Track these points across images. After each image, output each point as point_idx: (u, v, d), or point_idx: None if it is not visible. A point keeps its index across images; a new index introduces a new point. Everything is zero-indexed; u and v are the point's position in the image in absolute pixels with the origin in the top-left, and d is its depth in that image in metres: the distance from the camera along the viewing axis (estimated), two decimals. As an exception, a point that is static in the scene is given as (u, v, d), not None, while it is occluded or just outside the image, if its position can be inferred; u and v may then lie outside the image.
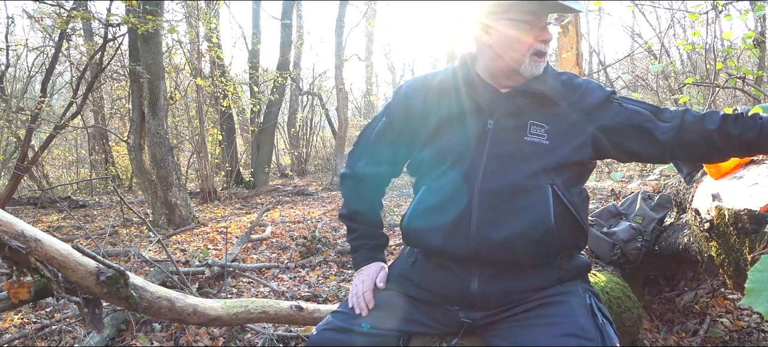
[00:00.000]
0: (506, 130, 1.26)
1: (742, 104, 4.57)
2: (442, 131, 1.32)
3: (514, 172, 1.22)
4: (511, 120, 1.26)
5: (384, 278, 1.37)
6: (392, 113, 1.42)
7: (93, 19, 6.70)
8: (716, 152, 1.28)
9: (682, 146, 1.26)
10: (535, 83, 1.27)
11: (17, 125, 6.91)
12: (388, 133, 1.42)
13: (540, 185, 1.21)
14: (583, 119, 1.27)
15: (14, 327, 2.79)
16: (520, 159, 1.23)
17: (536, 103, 1.27)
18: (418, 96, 1.37)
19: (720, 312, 2.56)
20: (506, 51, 1.25)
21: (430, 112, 1.34)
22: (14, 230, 1.30)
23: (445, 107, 1.33)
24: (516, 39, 1.24)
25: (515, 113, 1.27)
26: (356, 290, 1.34)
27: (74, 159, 12.78)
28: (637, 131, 1.26)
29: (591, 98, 1.29)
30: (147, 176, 6.08)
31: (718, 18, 4.78)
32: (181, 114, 10.32)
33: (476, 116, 1.29)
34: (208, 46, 9.26)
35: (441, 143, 1.31)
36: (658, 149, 1.27)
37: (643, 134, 1.26)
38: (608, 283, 2.02)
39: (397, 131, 1.40)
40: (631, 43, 10.69)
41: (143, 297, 1.56)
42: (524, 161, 1.23)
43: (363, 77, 18.63)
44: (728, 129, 1.24)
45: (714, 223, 1.33)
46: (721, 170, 1.55)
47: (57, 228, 6.02)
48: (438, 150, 1.31)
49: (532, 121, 1.26)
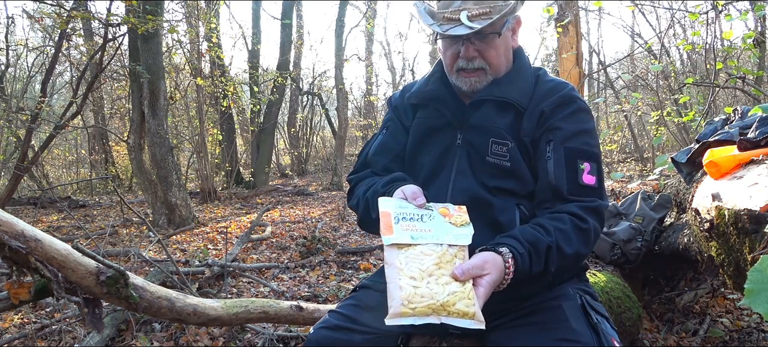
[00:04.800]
0: (473, 146, 1.24)
1: (742, 103, 4.57)
2: (418, 145, 1.32)
3: (481, 188, 1.21)
4: (477, 136, 1.24)
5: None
6: (390, 127, 1.40)
7: (93, 19, 6.70)
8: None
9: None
10: (496, 90, 1.25)
11: (17, 125, 6.91)
12: (390, 145, 1.39)
13: (507, 206, 1.19)
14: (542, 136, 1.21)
15: (14, 327, 2.79)
16: (485, 176, 1.22)
17: (499, 111, 1.24)
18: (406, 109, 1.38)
19: (720, 312, 2.57)
20: (444, 63, 1.29)
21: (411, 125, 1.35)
22: (14, 230, 1.30)
23: (421, 120, 1.33)
24: (443, 52, 1.28)
25: (479, 126, 1.24)
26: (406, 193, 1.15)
27: (74, 159, 12.79)
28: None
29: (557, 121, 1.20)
30: (147, 176, 6.08)
31: (718, 18, 4.78)
32: (181, 114, 10.32)
33: (447, 130, 1.29)
34: (208, 46, 9.26)
35: (416, 159, 1.32)
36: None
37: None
38: (608, 283, 2.02)
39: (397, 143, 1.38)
40: (631, 43, 10.70)
41: (143, 297, 1.56)
42: (489, 178, 1.21)
43: (363, 77, 18.61)
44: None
45: (714, 223, 1.33)
46: (721, 170, 1.55)
47: (57, 228, 6.02)
48: (413, 166, 1.33)
49: (494, 139, 1.22)
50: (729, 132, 1.92)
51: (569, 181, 1.15)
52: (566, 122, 1.19)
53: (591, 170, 1.17)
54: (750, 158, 1.50)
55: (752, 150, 1.53)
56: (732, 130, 1.93)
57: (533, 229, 1.09)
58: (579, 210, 1.12)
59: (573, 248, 1.09)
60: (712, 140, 1.94)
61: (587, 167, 1.17)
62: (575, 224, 1.11)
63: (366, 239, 4.80)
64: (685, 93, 5.46)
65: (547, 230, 1.08)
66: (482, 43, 1.22)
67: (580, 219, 1.11)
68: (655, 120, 5.88)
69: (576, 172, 1.16)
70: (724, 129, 2.03)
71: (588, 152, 1.18)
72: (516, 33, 1.30)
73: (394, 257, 0.99)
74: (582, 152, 1.18)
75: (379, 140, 1.41)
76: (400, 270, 0.96)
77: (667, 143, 7.25)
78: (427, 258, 0.99)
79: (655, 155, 7.04)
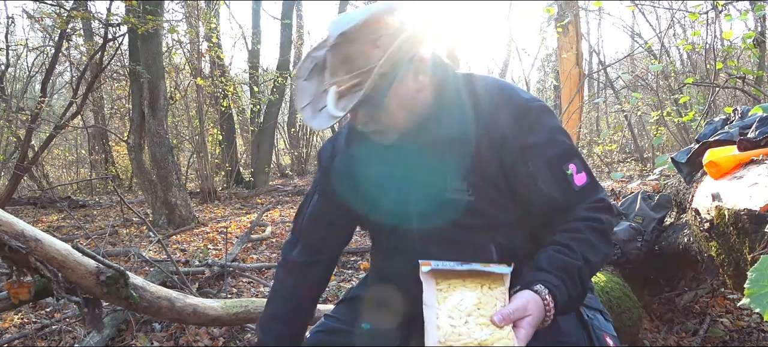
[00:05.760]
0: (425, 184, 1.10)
1: (742, 103, 4.57)
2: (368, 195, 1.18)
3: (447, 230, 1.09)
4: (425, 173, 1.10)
5: None
6: (320, 189, 1.28)
7: (93, 19, 6.70)
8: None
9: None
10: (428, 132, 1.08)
11: (17, 125, 6.91)
12: (324, 213, 1.27)
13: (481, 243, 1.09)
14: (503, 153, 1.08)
15: (14, 327, 2.79)
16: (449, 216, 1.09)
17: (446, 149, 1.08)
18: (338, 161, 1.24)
19: (720, 312, 2.56)
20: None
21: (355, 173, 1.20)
22: (14, 230, 1.30)
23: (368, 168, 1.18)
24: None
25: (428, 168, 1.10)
26: None
27: (74, 159, 12.79)
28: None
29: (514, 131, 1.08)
30: (147, 176, 6.08)
31: (718, 18, 4.79)
32: (181, 114, 10.32)
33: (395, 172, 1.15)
34: (208, 46, 9.26)
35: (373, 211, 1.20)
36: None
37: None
38: (608, 283, 2.02)
39: (331, 210, 1.26)
40: (631, 43, 10.69)
41: (143, 297, 1.56)
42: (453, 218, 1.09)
43: (363, 77, 18.56)
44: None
45: (714, 223, 1.33)
46: (721, 170, 1.55)
47: (57, 228, 6.01)
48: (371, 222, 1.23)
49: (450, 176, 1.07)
50: (729, 132, 1.92)
51: (565, 191, 1.07)
52: (534, 134, 1.07)
53: (578, 168, 1.09)
54: (750, 158, 1.50)
55: (752, 150, 1.52)
56: (732, 130, 1.93)
57: (558, 253, 1.01)
58: (589, 213, 1.07)
59: (599, 254, 1.05)
60: (712, 140, 1.94)
61: (573, 167, 1.09)
62: (591, 227, 1.05)
63: (366, 239, 4.79)
64: (685, 93, 5.46)
65: (570, 249, 1.01)
66: (367, 110, 1.05)
67: (594, 221, 1.06)
68: (655, 120, 5.88)
69: (566, 178, 1.08)
70: (724, 129, 2.03)
71: (566, 152, 1.09)
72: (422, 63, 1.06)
73: (432, 296, 0.95)
74: (562, 155, 1.08)
75: (311, 208, 1.29)
76: (439, 309, 0.93)
77: (667, 143, 7.25)
78: (467, 299, 0.95)
79: (655, 155, 7.04)
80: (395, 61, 0.99)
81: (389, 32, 0.99)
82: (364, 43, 0.99)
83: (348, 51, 1.00)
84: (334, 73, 1.02)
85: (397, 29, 1.00)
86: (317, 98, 1.07)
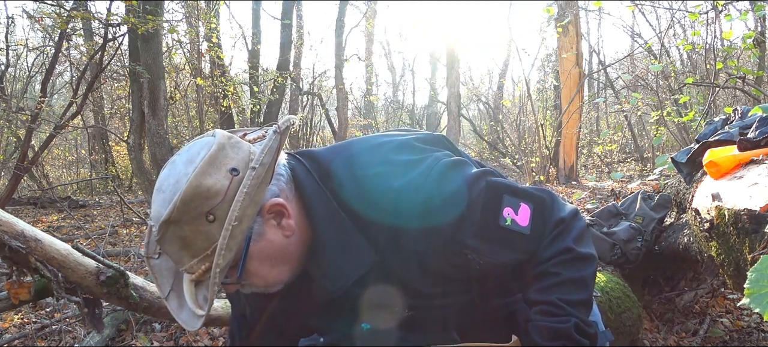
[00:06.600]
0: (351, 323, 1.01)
1: (742, 103, 4.57)
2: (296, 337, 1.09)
3: (402, 337, 1.00)
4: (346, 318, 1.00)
5: None
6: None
7: (93, 19, 6.70)
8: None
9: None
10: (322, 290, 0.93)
11: (17, 125, 6.90)
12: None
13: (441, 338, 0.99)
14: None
15: (14, 327, 2.79)
16: (395, 334, 1.00)
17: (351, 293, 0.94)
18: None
19: (720, 312, 2.56)
20: None
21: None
22: (14, 230, 1.30)
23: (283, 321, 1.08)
24: None
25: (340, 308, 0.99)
26: None
27: (74, 159, 12.79)
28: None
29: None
30: (147, 176, 6.08)
31: (718, 18, 4.78)
32: (181, 114, 10.32)
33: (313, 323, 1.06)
34: (208, 46, 9.26)
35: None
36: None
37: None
38: (608, 283, 2.02)
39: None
40: (631, 43, 10.69)
41: (143, 297, 1.56)
42: (399, 333, 1.00)
43: (363, 77, 18.61)
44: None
45: (714, 223, 1.33)
46: (721, 170, 1.54)
47: (57, 228, 6.01)
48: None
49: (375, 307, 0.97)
50: (729, 132, 1.92)
51: (516, 247, 0.93)
52: (446, 218, 0.87)
53: (514, 206, 0.91)
54: (750, 158, 1.50)
55: (752, 150, 1.52)
56: (732, 130, 1.93)
57: (545, 320, 0.90)
58: (552, 247, 0.93)
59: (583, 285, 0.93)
60: (712, 140, 1.94)
61: (509, 211, 0.91)
62: (562, 262, 0.93)
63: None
64: (685, 93, 5.46)
65: (556, 307, 0.90)
66: (235, 283, 0.87)
67: (560, 254, 0.93)
68: (655, 120, 5.88)
69: (509, 233, 0.91)
70: (724, 129, 2.03)
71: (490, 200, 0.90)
72: (278, 207, 0.86)
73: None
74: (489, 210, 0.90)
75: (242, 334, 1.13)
76: None
77: (667, 143, 7.25)
78: None
79: (655, 155, 7.04)
80: (240, 232, 0.80)
81: (218, 198, 0.79)
82: (194, 222, 0.79)
83: (181, 235, 0.80)
84: (177, 261, 0.83)
85: (228, 187, 0.79)
86: (178, 282, 0.89)
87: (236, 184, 0.79)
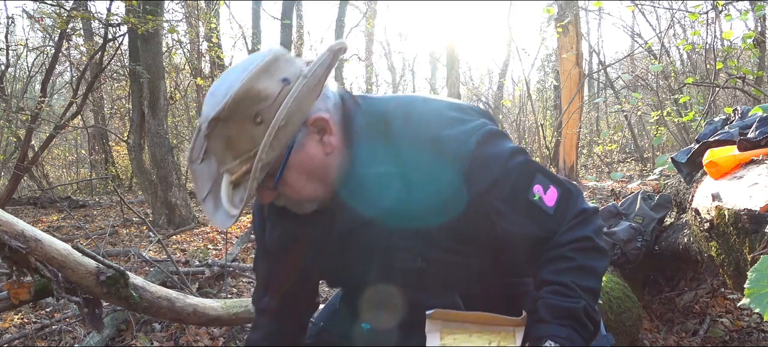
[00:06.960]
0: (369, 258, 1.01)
1: (742, 103, 4.57)
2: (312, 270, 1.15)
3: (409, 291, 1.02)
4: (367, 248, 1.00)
5: None
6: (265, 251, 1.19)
7: (93, 19, 6.70)
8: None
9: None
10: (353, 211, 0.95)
11: (17, 125, 6.90)
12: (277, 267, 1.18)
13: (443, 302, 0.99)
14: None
15: (14, 327, 2.79)
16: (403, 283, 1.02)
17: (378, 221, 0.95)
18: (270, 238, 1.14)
19: (720, 312, 2.56)
20: None
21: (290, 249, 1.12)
22: (14, 230, 1.30)
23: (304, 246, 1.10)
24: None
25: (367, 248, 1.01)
26: None
27: (74, 159, 12.78)
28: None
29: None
30: (147, 176, 6.08)
31: (718, 18, 4.79)
32: (181, 114, 10.32)
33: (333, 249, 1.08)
34: (208, 46, 9.27)
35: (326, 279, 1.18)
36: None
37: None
38: (608, 283, 2.02)
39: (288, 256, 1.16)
40: (631, 43, 10.69)
41: (143, 297, 1.56)
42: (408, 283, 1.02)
43: (363, 77, 18.61)
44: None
45: (714, 223, 1.33)
46: (721, 170, 1.55)
47: (57, 228, 6.01)
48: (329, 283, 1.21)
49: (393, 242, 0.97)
50: (729, 132, 1.93)
51: (539, 222, 0.95)
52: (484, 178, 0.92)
53: (544, 186, 0.95)
54: (750, 158, 1.50)
55: (752, 150, 1.53)
56: (732, 130, 1.93)
57: (556, 297, 0.91)
58: (572, 233, 0.96)
59: (597, 273, 0.95)
60: (712, 140, 1.95)
61: (538, 189, 0.95)
62: (579, 248, 0.94)
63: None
64: (685, 93, 5.46)
65: (567, 288, 0.91)
66: (269, 192, 0.91)
67: (579, 240, 0.95)
68: (655, 120, 5.88)
69: (536, 208, 0.95)
70: (724, 129, 2.03)
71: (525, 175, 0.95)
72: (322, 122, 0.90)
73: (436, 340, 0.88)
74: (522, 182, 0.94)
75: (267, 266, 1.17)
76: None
77: (667, 143, 7.26)
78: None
79: (655, 155, 7.05)
80: (284, 135, 0.84)
81: (268, 102, 0.83)
82: (241, 122, 0.83)
83: (227, 134, 0.85)
84: (221, 160, 0.88)
85: (278, 93, 0.83)
86: (217, 185, 0.93)
87: (286, 92, 0.84)
